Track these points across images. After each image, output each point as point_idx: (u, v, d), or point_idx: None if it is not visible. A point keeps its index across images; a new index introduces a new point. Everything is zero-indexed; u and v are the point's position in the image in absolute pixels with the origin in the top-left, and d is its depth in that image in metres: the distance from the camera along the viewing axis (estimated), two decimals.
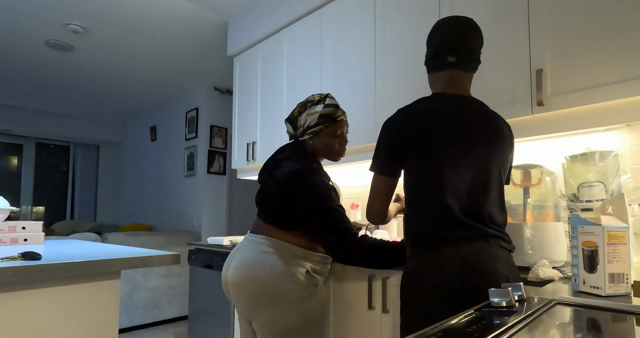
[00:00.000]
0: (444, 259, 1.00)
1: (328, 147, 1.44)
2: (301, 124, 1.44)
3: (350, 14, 2.10)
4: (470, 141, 1.04)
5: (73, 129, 5.62)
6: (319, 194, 1.32)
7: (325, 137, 1.42)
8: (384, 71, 1.91)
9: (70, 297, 1.08)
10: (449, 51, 1.09)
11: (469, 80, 1.14)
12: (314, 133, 1.42)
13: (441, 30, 1.11)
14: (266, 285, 1.31)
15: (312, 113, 1.41)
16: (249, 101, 2.83)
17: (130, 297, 3.45)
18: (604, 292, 0.78)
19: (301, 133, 1.45)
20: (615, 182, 1.14)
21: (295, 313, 1.31)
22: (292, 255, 1.35)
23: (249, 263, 1.35)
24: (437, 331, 0.51)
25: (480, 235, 1.02)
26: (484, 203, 1.04)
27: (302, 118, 1.44)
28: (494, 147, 1.06)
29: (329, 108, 1.41)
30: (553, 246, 1.23)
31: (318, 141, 1.43)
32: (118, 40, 3.29)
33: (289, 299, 1.31)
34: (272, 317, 1.32)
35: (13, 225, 1.44)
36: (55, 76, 4.11)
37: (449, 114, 1.06)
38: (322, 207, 1.31)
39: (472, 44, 1.09)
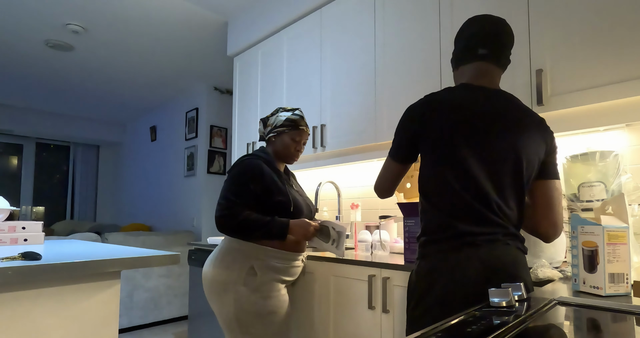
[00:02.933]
0: (463, 261, 0.95)
1: (285, 148, 1.62)
2: (270, 124, 1.66)
3: (350, 14, 2.10)
4: (488, 134, 1.00)
5: (73, 129, 5.62)
6: (237, 167, 1.53)
7: (285, 138, 1.62)
8: (384, 71, 1.91)
9: (70, 297, 1.08)
10: (481, 43, 1.07)
11: (499, 75, 1.09)
12: (278, 133, 1.63)
13: (473, 25, 1.10)
14: (211, 279, 1.50)
15: (281, 116, 1.64)
16: (249, 101, 2.83)
17: (130, 297, 3.45)
18: (604, 292, 0.78)
19: (268, 131, 1.66)
20: (615, 182, 1.14)
21: (234, 305, 1.44)
22: (239, 251, 1.49)
23: (207, 261, 1.57)
24: (437, 331, 0.51)
25: (500, 234, 0.98)
26: (498, 196, 0.99)
27: (272, 119, 1.67)
28: (515, 142, 1.00)
29: (296, 117, 1.64)
30: (550, 246, 1.23)
31: (279, 140, 1.63)
32: (118, 40, 3.29)
33: (227, 291, 1.45)
34: (216, 309, 1.50)
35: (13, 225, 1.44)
36: (55, 76, 4.11)
37: (472, 104, 1.03)
38: (231, 177, 1.51)
39: (503, 39, 1.07)
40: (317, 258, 1.74)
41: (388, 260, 1.53)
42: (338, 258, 1.66)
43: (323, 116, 2.20)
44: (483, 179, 0.99)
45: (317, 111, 2.24)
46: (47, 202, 5.70)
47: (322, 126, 2.18)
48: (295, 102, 2.41)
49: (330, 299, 1.69)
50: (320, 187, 2.29)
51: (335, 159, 2.15)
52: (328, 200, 2.54)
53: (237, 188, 1.47)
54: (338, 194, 2.41)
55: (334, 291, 1.67)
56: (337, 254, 1.53)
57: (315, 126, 2.23)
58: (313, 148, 2.23)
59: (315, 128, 2.23)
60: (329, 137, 2.16)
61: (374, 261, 1.51)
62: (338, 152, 2.13)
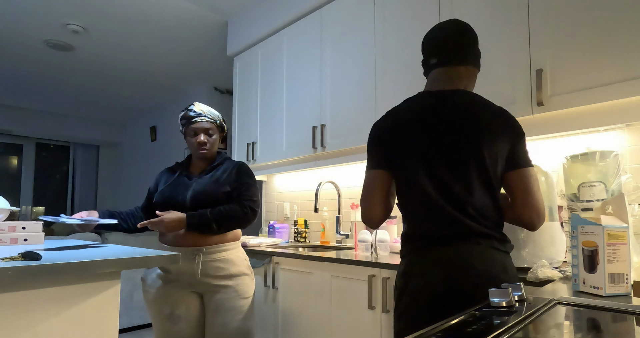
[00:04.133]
0: (429, 262, 1.00)
1: (191, 145, 1.64)
2: (180, 130, 1.70)
3: (350, 14, 2.10)
4: (450, 136, 1.03)
5: (73, 129, 5.62)
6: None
7: (187, 137, 1.65)
8: (384, 71, 1.91)
9: (70, 297, 1.08)
10: (432, 54, 1.12)
11: (458, 73, 1.09)
12: (184, 134, 1.66)
13: (425, 37, 1.16)
14: None
15: (179, 119, 1.67)
16: (249, 101, 2.82)
17: (130, 297, 3.45)
18: (604, 292, 0.78)
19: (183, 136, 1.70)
20: (615, 182, 1.14)
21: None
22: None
23: None
24: (437, 331, 0.51)
25: (472, 234, 0.98)
26: (466, 197, 1.00)
27: (179, 124, 1.70)
28: (474, 139, 1.01)
29: (189, 113, 1.63)
30: (549, 246, 1.23)
31: (187, 141, 1.66)
32: (118, 40, 3.29)
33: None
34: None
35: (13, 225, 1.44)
36: (55, 76, 4.11)
37: (428, 110, 1.07)
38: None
39: (453, 41, 1.09)
40: (318, 258, 1.74)
41: (388, 260, 1.53)
42: (338, 258, 1.66)
43: (323, 116, 2.20)
44: (451, 182, 1.01)
45: (317, 111, 2.24)
46: (47, 202, 5.70)
47: (322, 126, 2.18)
48: (295, 102, 2.42)
49: (330, 299, 1.69)
50: (320, 187, 2.29)
51: (335, 159, 2.15)
52: (328, 200, 2.54)
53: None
54: (338, 194, 2.41)
55: (334, 291, 1.67)
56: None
57: (315, 126, 2.23)
58: (313, 148, 2.23)
59: (315, 128, 2.23)
60: (329, 137, 2.16)
61: (374, 261, 1.51)
62: (338, 152, 2.13)
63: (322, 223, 2.48)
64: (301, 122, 2.35)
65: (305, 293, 1.80)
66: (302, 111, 2.35)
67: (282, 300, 1.93)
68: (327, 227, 2.49)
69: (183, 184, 1.59)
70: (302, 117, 2.35)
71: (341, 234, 2.33)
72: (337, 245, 2.35)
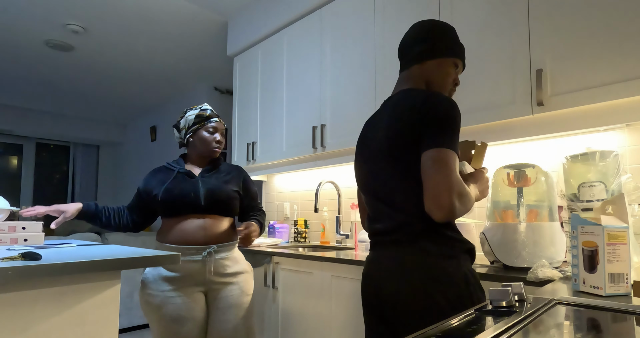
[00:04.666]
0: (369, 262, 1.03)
1: (204, 143, 1.61)
2: (183, 127, 1.64)
3: (350, 14, 2.10)
4: (372, 134, 1.07)
5: (73, 129, 5.62)
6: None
7: (201, 134, 1.62)
8: (384, 71, 1.91)
9: (70, 297, 1.08)
10: (399, 58, 1.15)
11: (410, 74, 1.08)
12: (193, 131, 1.62)
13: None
14: None
15: (189, 116, 1.64)
16: (249, 101, 2.82)
17: (130, 297, 3.44)
18: (604, 292, 0.78)
19: (184, 134, 1.64)
20: (615, 182, 1.14)
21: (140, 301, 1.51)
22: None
23: None
24: (437, 331, 0.51)
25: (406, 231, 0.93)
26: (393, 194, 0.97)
27: (182, 121, 1.65)
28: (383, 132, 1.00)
29: (204, 111, 1.64)
30: (549, 246, 1.23)
31: (196, 138, 1.62)
32: (118, 40, 3.29)
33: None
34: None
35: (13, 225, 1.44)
36: (55, 76, 4.11)
37: (371, 119, 1.12)
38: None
39: (403, 45, 1.12)
40: (318, 258, 1.74)
41: None
42: (338, 258, 1.66)
43: (323, 116, 2.20)
44: (379, 180, 1.02)
45: (317, 111, 2.24)
46: (47, 202, 5.70)
47: (322, 126, 2.18)
48: (295, 102, 2.42)
49: (330, 299, 1.69)
50: (320, 187, 2.29)
51: (335, 159, 2.15)
52: (328, 200, 2.54)
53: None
54: (338, 194, 2.41)
55: (334, 291, 1.67)
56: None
57: (315, 126, 2.23)
58: (313, 148, 2.23)
59: (315, 128, 2.23)
60: (329, 137, 2.16)
61: None
62: (338, 152, 2.13)
63: (322, 223, 2.48)
64: (301, 122, 2.35)
65: (305, 293, 1.80)
66: (302, 111, 2.35)
67: (282, 300, 1.93)
68: (327, 227, 2.49)
69: (188, 182, 1.55)
70: (302, 117, 2.35)
71: (341, 234, 2.33)
72: (337, 245, 2.35)
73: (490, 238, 1.31)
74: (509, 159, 1.71)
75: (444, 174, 0.86)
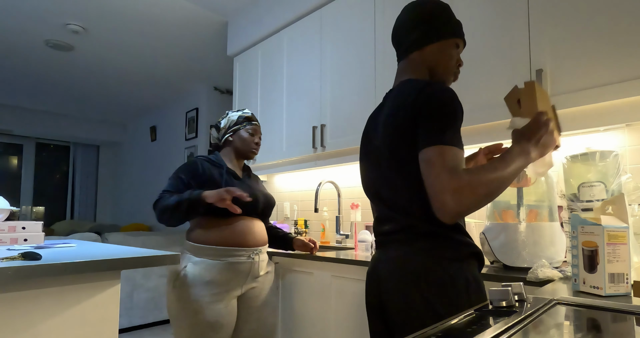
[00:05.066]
0: (372, 262, 1.01)
1: (245, 143, 1.64)
2: (224, 126, 1.67)
3: (350, 13, 2.10)
4: (372, 132, 1.02)
5: (73, 129, 5.62)
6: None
7: (243, 134, 1.65)
8: (384, 71, 1.91)
9: (70, 297, 1.08)
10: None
11: (409, 63, 1.03)
12: (234, 131, 1.65)
13: None
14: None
15: (233, 116, 1.68)
16: (249, 101, 2.82)
17: (130, 297, 3.44)
18: (604, 292, 0.78)
19: (223, 134, 1.67)
20: (615, 182, 1.14)
21: (171, 300, 1.45)
22: (183, 250, 1.52)
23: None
24: (437, 331, 0.51)
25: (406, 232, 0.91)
26: (393, 195, 0.94)
27: (224, 121, 1.68)
28: (382, 129, 0.96)
29: (248, 113, 1.69)
30: (549, 246, 1.23)
31: (237, 138, 1.65)
32: (118, 40, 3.29)
33: (167, 289, 1.48)
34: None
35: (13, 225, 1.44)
36: (55, 76, 4.11)
37: (372, 114, 1.08)
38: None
39: (400, 28, 1.04)
40: (317, 258, 1.74)
41: None
42: (338, 258, 1.66)
43: (323, 116, 2.20)
44: (380, 181, 0.99)
45: (317, 111, 2.24)
46: (47, 202, 5.70)
47: (322, 126, 2.18)
48: (295, 102, 2.41)
49: (330, 299, 1.69)
50: (320, 187, 2.29)
51: (335, 159, 2.15)
52: (328, 200, 2.54)
53: (170, 181, 1.53)
54: (338, 194, 2.41)
55: (334, 291, 1.67)
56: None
57: (315, 126, 2.23)
58: (313, 148, 2.23)
59: (315, 128, 2.23)
60: (329, 137, 2.16)
61: None
62: (338, 152, 2.13)
63: (322, 223, 2.48)
64: (301, 122, 2.35)
65: (305, 293, 1.80)
66: (302, 111, 2.35)
67: (282, 300, 1.93)
68: (327, 227, 2.49)
69: (243, 184, 1.58)
70: (302, 117, 2.35)
71: (341, 234, 2.33)
72: (337, 245, 2.35)
73: (490, 238, 1.31)
74: None
75: (434, 175, 0.80)
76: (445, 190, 0.78)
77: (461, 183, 0.78)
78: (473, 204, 0.79)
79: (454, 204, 0.78)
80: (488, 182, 0.79)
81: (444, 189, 0.79)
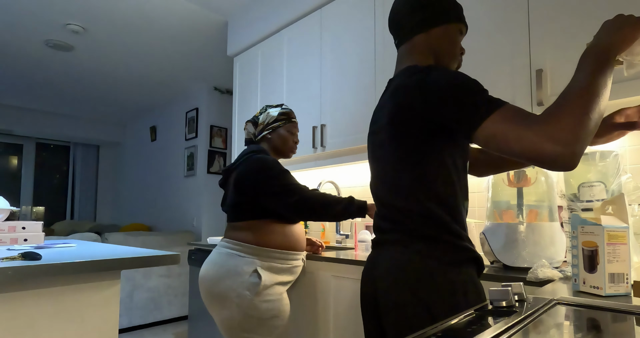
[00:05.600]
0: (368, 261, 0.99)
1: (284, 141, 1.60)
2: (262, 122, 1.61)
3: (350, 14, 2.10)
4: (375, 126, 0.98)
5: (73, 129, 5.62)
6: (264, 166, 1.44)
7: (282, 132, 1.61)
8: (384, 71, 1.91)
9: (70, 297, 1.08)
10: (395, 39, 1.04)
11: (409, 48, 0.98)
12: (273, 129, 1.60)
13: None
14: (212, 284, 1.42)
15: (273, 113, 1.62)
16: (249, 101, 2.82)
17: (130, 297, 3.45)
18: (604, 292, 0.78)
19: (261, 130, 1.61)
20: (615, 182, 1.14)
21: (237, 311, 1.37)
22: (242, 253, 1.44)
23: (204, 265, 1.50)
24: (437, 331, 0.51)
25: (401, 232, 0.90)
26: (389, 194, 0.92)
27: (263, 117, 1.62)
28: (383, 121, 0.92)
29: (287, 110, 1.64)
30: (549, 246, 1.23)
31: (276, 136, 1.60)
32: (118, 40, 3.29)
33: (230, 297, 1.38)
34: (219, 315, 1.43)
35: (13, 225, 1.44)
36: (55, 76, 4.11)
37: (382, 100, 1.01)
38: (268, 169, 1.43)
39: (399, 10, 0.99)
40: (317, 258, 1.74)
41: None
42: (338, 258, 1.66)
43: (323, 116, 2.20)
44: (379, 176, 0.97)
45: (317, 111, 2.24)
46: (47, 202, 5.70)
47: (322, 126, 2.18)
48: (295, 102, 2.41)
49: (330, 299, 1.69)
50: (320, 187, 2.29)
51: (335, 159, 2.15)
52: None
53: (287, 176, 1.44)
54: (338, 194, 2.41)
55: (334, 291, 1.67)
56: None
57: (315, 126, 2.23)
58: (313, 147, 2.23)
59: (315, 128, 2.23)
60: (329, 137, 2.16)
61: None
62: (338, 152, 2.13)
63: (322, 223, 2.48)
64: (301, 122, 2.35)
65: (306, 293, 1.80)
66: (302, 111, 2.35)
67: None
68: (327, 227, 2.49)
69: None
70: (302, 117, 2.35)
71: (341, 234, 2.33)
72: (337, 245, 2.35)
73: (490, 238, 1.31)
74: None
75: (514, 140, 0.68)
76: (541, 142, 0.65)
77: (548, 122, 0.66)
78: (578, 129, 0.64)
79: (562, 146, 0.64)
80: (576, 98, 0.66)
81: (537, 143, 0.66)
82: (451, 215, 0.88)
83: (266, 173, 1.43)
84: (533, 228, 1.25)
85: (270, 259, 1.46)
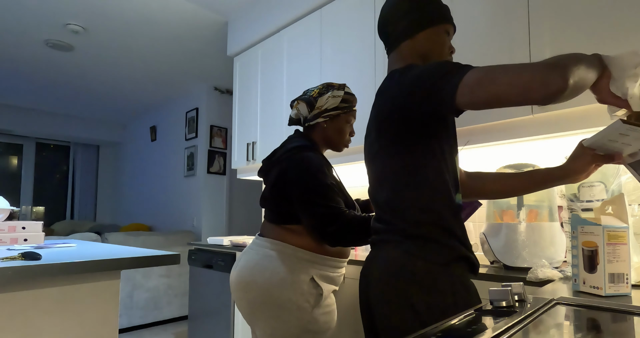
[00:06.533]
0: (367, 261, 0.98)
1: (340, 133, 1.37)
2: (320, 105, 1.34)
3: (350, 14, 2.10)
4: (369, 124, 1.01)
5: (73, 129, 5.62)
6: (307, 168, 1.24)
7: (341, 122, 1.36)
8: (384, 71, 1.91)
9: (70, 297, 1.08)
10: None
11: (398, 54, 1.00)
12: (331, 117, 1.35)
13: None
14: (265, 292, 1.21)
15: (335, 96, 1.34)
16: (249, 101, 2.83)
17: (130, 297, 3.45)
18: (604, 292, 0.78)
19: (316, 115, 1.35)
20: (615, 182, 1.14)
21: (295, 325, 1.20)
22: (296, 259, 1.25)
23: (250, 268, 1.26)
24: (437, 331, 0.51)
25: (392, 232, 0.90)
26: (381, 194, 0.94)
27: (323, 99, 1.34)
28: (373, 122, 0.95)
29: (350, 96, 1.37)
30: (549, 246, 1.23)
31: (332, 126, 1.36)
32: (118, 40, 3.29)
33: (289, 309, 1.20)
34: (270, 327, 1.22)
35: (13, 225, 1.44)
36: (55, 76, 4.11)
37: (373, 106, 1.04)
38: (310, 181, 1.23)
39: (387, 19, 1.01)
40: None
41: None
42: None
43: None
44: (374, 176, 0.99)
45: None
46: (47, 202, 5.70)
47: None
48: None
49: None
50: None
51: (335, 159, 2.15)
52: None
53: (326, 191, 1.23)
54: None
55: None
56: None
57: None
58: None
59: None
60: None
61: None
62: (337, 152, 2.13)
63: None
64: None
65: None
66: None
67: None
68: None
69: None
70: None
71: None
72: None
73: (490, 238, 1.31)
74: (509, 159, 1.71)
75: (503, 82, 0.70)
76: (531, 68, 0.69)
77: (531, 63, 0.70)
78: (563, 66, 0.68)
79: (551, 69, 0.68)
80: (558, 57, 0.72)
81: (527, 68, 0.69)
82: (443, 210, 0.88)
83: (308, 186, 1.23)
84: (533, 228, 1.25)
85: (325, 267, 1.29)
